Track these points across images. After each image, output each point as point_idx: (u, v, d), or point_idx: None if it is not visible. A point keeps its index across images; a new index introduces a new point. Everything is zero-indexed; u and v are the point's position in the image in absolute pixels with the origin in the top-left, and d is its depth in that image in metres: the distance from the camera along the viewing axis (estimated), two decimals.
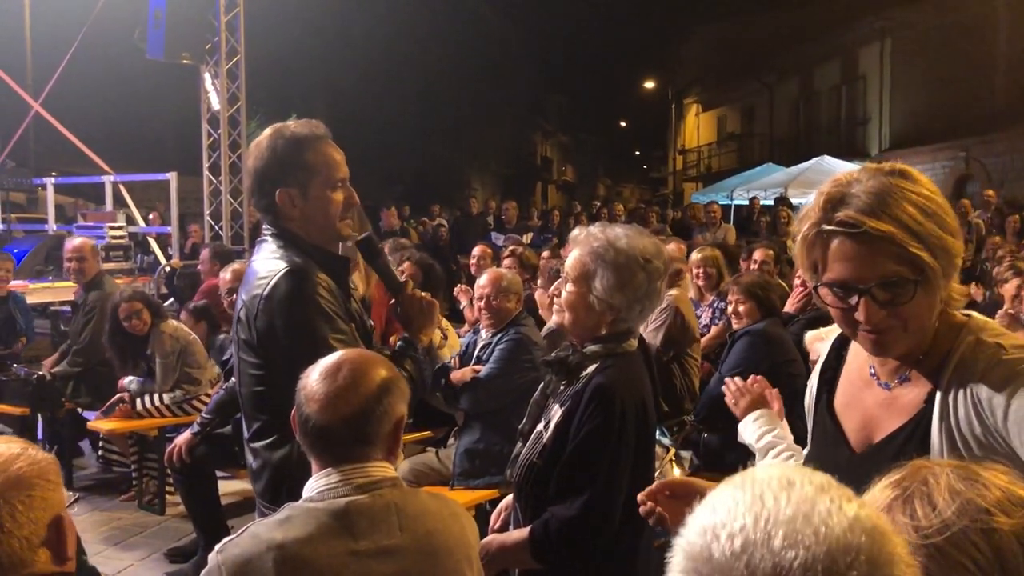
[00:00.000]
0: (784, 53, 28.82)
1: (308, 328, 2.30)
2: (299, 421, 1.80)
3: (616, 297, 2.29)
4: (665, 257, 2.37)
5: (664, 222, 14.54)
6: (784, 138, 30.06)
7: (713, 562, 0.79)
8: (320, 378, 1.80)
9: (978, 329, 1.49)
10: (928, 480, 1.08)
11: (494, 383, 4.22)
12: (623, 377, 2.29)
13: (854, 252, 1.42)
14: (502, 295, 4.38)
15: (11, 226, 11.67)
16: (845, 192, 1.44)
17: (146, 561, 4.97)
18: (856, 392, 1.64)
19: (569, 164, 57.11)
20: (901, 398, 1.54)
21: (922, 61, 22.12)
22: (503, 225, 12.85)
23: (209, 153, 11.77)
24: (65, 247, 6.47)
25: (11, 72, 12.65)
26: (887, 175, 1.44)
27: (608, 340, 2.33)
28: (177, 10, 10.59)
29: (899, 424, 1.53)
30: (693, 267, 6.34)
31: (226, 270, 5.15)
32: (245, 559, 1.66)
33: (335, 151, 2.49)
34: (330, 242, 2.54)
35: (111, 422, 5.56)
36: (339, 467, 1.79)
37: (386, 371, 1.85)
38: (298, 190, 2.43)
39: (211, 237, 11.51)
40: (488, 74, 35.29)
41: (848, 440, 1.62)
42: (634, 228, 2.39)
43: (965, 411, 1.42)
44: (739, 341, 4.64)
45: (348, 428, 1.77)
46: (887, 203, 1.40)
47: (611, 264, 2.28)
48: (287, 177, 2.42)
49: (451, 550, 1.86)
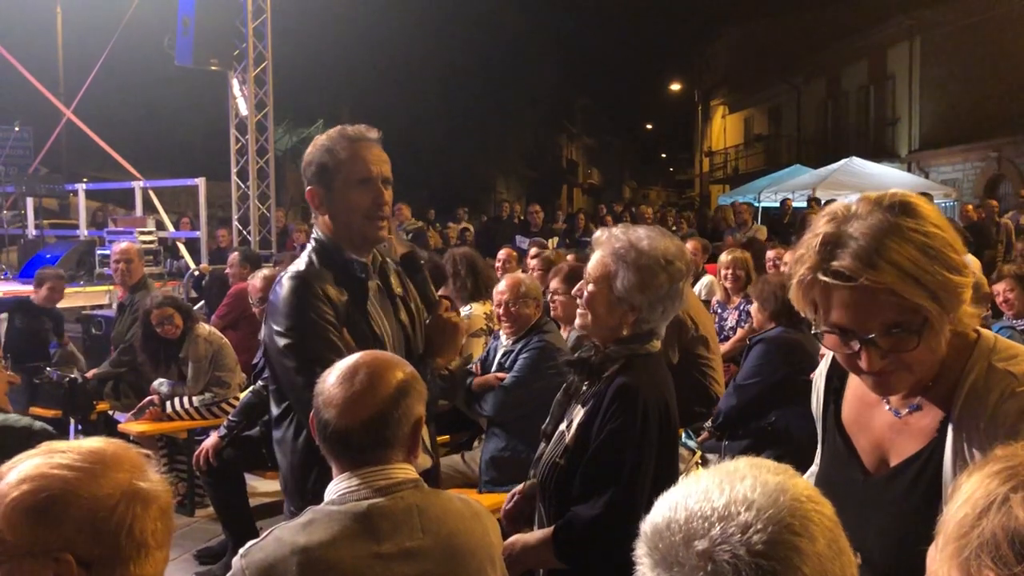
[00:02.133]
0: (811, 54, 28.59)
1: (298, 334, 2.38)
2: (318, 426, 1.81)
3: (637, 297, 2.29)
4: (688, 259, 2.37)
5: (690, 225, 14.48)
6: (812, 139, 29.82)
7: (654, 524, 0.96)
8: (337, 382, 1.81)
9: (988, 351, 1.46)
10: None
11: (519, 391, 4.18)
12: (646, 377, 2.29)
13: (852, 301, 1.38)
14: (521, 301, 4.33)
15: (43, 231, 11.84)
16: (841, 233, 1.38)
17: (176, 562, 5.01)
18: (865, 410, 1.61)
19: (595, 167, 57.01)
20: (913, 424, 1.52)
21: (952, 60, 21.85)
22: (529, 228, 12.85)
23: (237, 158, 11.88)
24: (111, 250, 6.75)
25: (44, 80, 12.87)
26: (886, 210, 1.38)
27: (631, 341, 2.33)
28: (205, 17, 10.72)
29: (914, 450, 1.50)
30: (722, 268, 6.32)
31: (255, 277, 5.19)
32: (269, 563, 1.68)
33: (368, 151, 2.49)
34: (356, 244, 2.54)
35: (141, 424, 5.63)
36: (359, 470, 1.79)
37: (403, 373, 1.85)
38: (322, 187, 2.50)
39: (239, 242, 11.61)
40: (513, 77, 35.34)
41: (861, 461, 1.59)
42: (656, 229, 2.39)
43: (980, 443, 1.39)
44: (754, 348, 4.63)
45: (367, 432, 1.77)
46: (885, 247, 1.34)
47: (632, 265, 2.28)
48: (315, 175, 2.50)
49: (473, 551, 1.86)
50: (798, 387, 4.35)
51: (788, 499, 0.94)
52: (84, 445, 1.37)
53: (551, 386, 4.04)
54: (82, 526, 1.28)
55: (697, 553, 0.90)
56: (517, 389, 4.19)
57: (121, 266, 6.50)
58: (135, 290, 6.51)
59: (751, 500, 0.93)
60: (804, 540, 0.92)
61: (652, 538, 0.96)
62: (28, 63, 12.58)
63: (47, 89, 12.85)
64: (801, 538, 0.92)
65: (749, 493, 0.94)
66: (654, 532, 0.96)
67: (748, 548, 0.89)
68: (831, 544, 0.94)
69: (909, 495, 1.49)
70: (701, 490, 0.96)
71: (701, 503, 0.94)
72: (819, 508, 0.96)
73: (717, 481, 0.97)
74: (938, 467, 1.45)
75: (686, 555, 0.91)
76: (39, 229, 11.73)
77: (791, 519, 0.92)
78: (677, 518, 0.94)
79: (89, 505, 1.29)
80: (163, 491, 1.40)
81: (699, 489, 0.96)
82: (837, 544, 0.96)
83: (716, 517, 0.92)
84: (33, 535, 1.26)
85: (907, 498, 1.49)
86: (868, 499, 1.54)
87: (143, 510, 1.35)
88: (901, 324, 1.37)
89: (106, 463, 1.33)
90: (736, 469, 0.99)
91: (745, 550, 0.89)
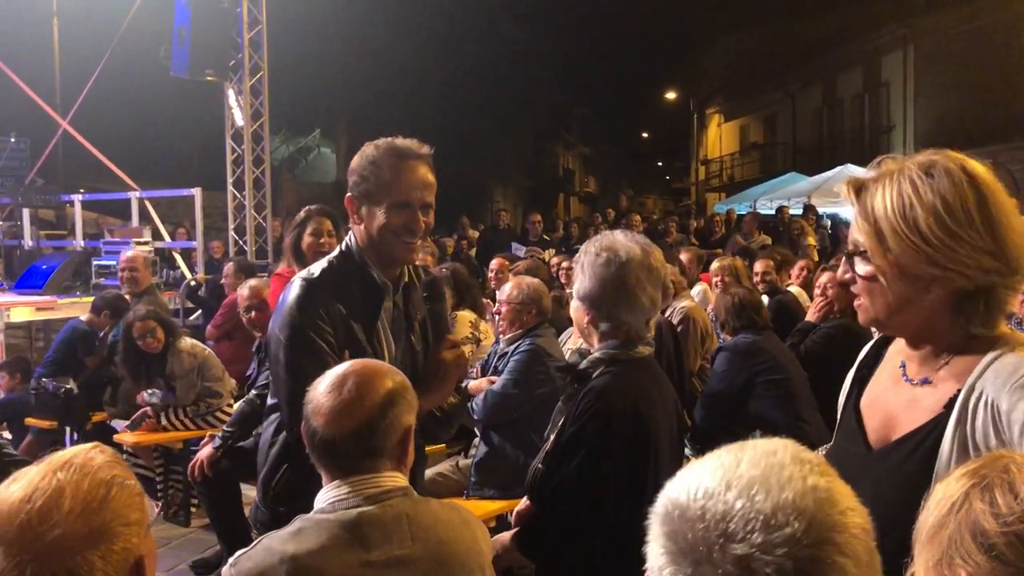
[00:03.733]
0: (806, 62, 28.67)
1: (285, 342, 2.37)
2: (307, 434, 1.82)
3: (581, 299, 2.35)
4: (651, 258, 2.35)
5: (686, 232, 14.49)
6: (807, 147, 29.88)
7: (680, 505, 0.90)
8: (326, 391, 1.81)
9: (1014, 343, 1.47)
10: (1010, 468, 1.03)
11: (507, 395, 4.17)
12: (618, 382, 2.30)
13: (853, 221, 1.54)
14: (518, 304, 4.36)
15: (40, 242, 11.83)
16: (880, 174, 1.53)
17: (171, 573, 5.01)
18: (882, 391, 1.64)
19: (591, 175, 57.05)
20: (923, 400, 1.53)
21: (946, 68, 21.93)
22: (528, 237, 12.86)
23: (233, 168, 11.89)
24: (118, 258, 6.87)
25: (40, 92, 12.87)
26: (920, 164, 1.48)
27: (611, 346, 2.35)
28: (201, 28, 10.74)
29: (917, 425, 1.51)
30: (712, 276, 6.35)
31: (243, 286, 5.20)
32: (258, 572, 1.68)
33: (413, 173, 2.45)
34: (383, 261, 2.50)
35: (137, 435, 5.62)
36: (348, 478, 1.80)
37: (392, 382, 1.85)
38: (361, 198, 2.47)
39: (235, 251, 11.62)
40: (510, 87, 35.37)
41: (867, 437, 1.61)
42: (624, 232, 2.41)
43: (983, 421, 1.40)
44: (718, 358, 4.77)
45: (355, 441, 1.78)
46: (876, 180, 1.51)
47: (587, 267, 2.34)
48: (358, 184, 2.47)
49: (463, 559, 1.86)
50: (766, 387, 4.46)
51: (836, 513, 0.89)
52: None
53: (542, 392, 4.10)
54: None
55: (735, 557, 0.86)
56: (505, 393, 4.19)
57: (126, 274, 6.59)
58: (141, 297, 6.54)
59: (801, 509, 0.87)
60: (849, 561, 0.88)
61: (679, 523, 0.90)
62: (24, 74, 12.59)
63: (43, 100, 12.85)
64: (847, 559, 0.88)
65: (798, 500, 0.88)
66: (683, 518, 0.90)
67: (794, 563, 0.85)
68: (871, 563, 0.91)
69: (901, 466, 1.50)
70: (744, 484, 0.89)
71: (744, 501, 0.88)
72: (861, 522, 0.92)
73: (761, 475, 0.90)
74: (936, 442, 1.45)
75: (721, 557, 0.86)
76: (35, 240, 11.72)
77: (839, 536, 0.88)
78: (714, 511, 0.88)
79: None
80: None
81: (741, 482, 0.90)
82: (875, 563, 0.93)
83: (761, 523, 0.86)
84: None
85: (899, 469, 1.50)
86: (865, 471, 1.55)
87: None
88: (864, 252, 1.51)
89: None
90: (781, 464, 0.92)
91: (791, 564, 0.85)
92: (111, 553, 1.32)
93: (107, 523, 1.32)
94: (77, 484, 1.33)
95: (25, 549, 1.27)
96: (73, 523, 1.29)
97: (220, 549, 4.94)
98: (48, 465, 1.36)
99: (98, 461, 1.38)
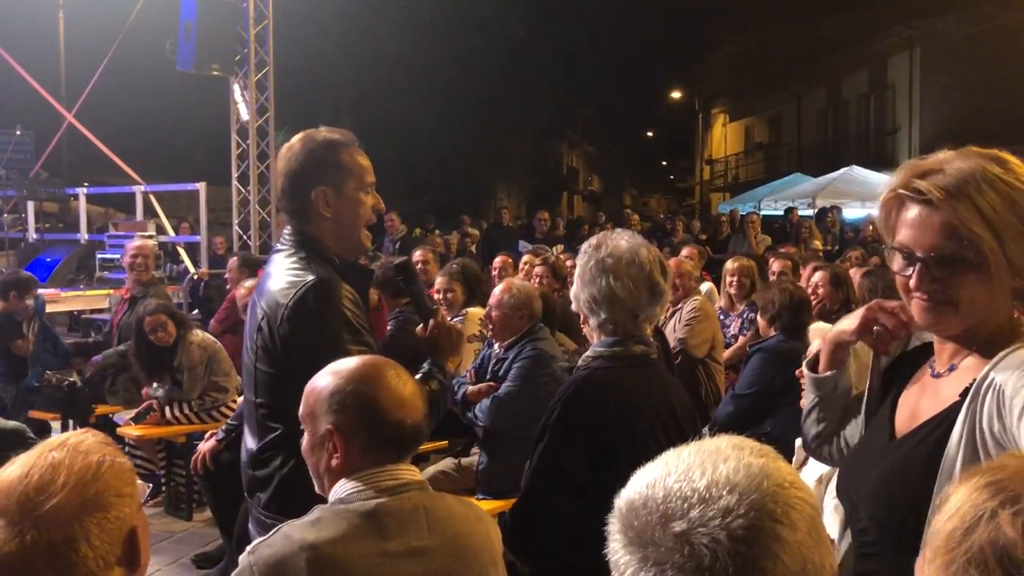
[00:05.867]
0: (812, 63, 28.61)
1: (334, 341, 2.26)
2: (372, 420, 1.84)
3: (583, 297, 2.36)
4: (638, 255, 2.33)
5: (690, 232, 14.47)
6: (812, 148, 29.83)
7: (628, 500, 0.95)
8: (391, 378, 1.86)
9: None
10: None
11: (514, 401, 4.13)
12: (594, 375, 2.31)
13: (919, 220, 1.45)
14: (507, 308, 4.28)
15: (44, 235, 11.85)
16: (936, 168, 1.46)
17: (173, 566, 5.01)
18: (915, 386, 1.63)
19: (595, 174, 57.07)
20: (945, 389, 1.53)
21: (952, 69, 21.89)
22: (534, 235, 12.83)
23: (238, 163, 11.89)
24: (127, 246, 6.84)
25: (46, 84, 12.90)
26: (982, 158, 1.44)
27: (602, 344, 2.37)
28: (207, 23, 10.74)
29: (935, 412, 1.51)
30: (727, 276, 6.34)
31: (241, 286, 5.18)
32: (277, 559, 1.68)
33: (364, 157, 2.51)
34: (352, 251, 2.54)
35: (139, 428, 5.63)
36: (367, 471, 1.82)
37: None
38: (333, 189, 2.43)
39: (239, 247, 11.63)
40: (515, 85, 35.36)
41: (893, 427, 1.61)
42: (621, 231, 2.43)
43: (989, 406, 1.39)
44: (753, 357, 4.63)
45: (418, 431, 1.86)
46: (967, 183, 1.41)
47: (580, 267, 2.37)
48: (323, 176, 2.42)
49: (478, 552, 1.89)
50: (794, 396, 4.37)
51: (771, 484, 0.92)
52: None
53: (545, 394, 4.08)
54: None
55: (674, 535, 0.89)
56: (512, 399, 4.14)
57: (139, 260, 6.55)
58: (149, 285, 6.55)
59: (734, 483, 0.91)
60: (785, 528, 0.90)
61: (627, 515, 0.94)
62: (30, 67, 12.61)
63: (49, 93, 12.88)
64: (782, 526, 0.90)
65: (732, 475, 0.92)
66: (629, 509, 0.94)
67: (728, 533, 0.88)
68: (811, 532, 0.93)
69: (912, 452, 1.51)
70: (682, 469, 0.94)
71: (681, 483, 0.92)
72: (801, 495, 0.94)
73: (699, 460, 0.95)
74: (947, 431, 1.44)
75: (662, 536, 0.89)
76: (39, 233, 11.75)
77: (773, 505, 0.91)
78: (655, 496, 0.92)
79: None
80: None
81: (679, 467, 0.94)
82: (817, 532, 0.94)
83: (696, 499, 0.90)
84: None
85: (910, 455, 1.51)
86: (882, 458, 1.56)
87: None
88: (959, 259, 1.42)
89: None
90: (718, 449, 0.97)
91: (725, 535, 0.88)
92: (106, 521, 1.40)
93: (100, 493, 1.41)
94: (71, 460, 1.42)
95: (24, 519, 1.35)
96: (68, 494, 1.38)
97: (222, 543, 4.95)
98: (44, 446, 1.45)
99: (89, 441, 1.48)
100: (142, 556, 1.47)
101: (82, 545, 1.37)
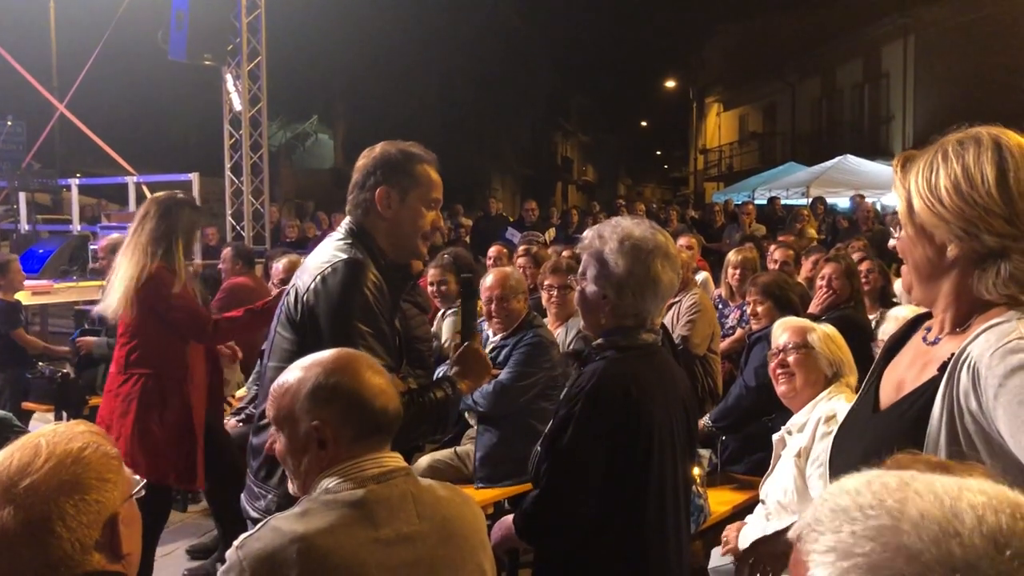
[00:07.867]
0: (806, 52, 28.61)
1: (348, 318, 2.38)
2: (353, 410, 1.84)
3: (601, 284, 2.32)
4: (669, 245, 2.36)
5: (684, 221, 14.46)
6: (806, 137, 29.87)
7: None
8: (368, 370, 1.88)
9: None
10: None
11: (516, 387, 4.21)
12: (613, 366, 2.29)
13: (894, 193, 1.61)
14: (511, 295, 4.36)
15: (36, 226, 11.79)
16: (924, 150, 1.57)
17: (167, 558, 5.00)
18: (901, 359, 1.66)
19: (590, 164, 56.99)
20: (929, 363, 1.54)
21: (946, 58, 21.89)
22: (524, 224, 12.82)
23: (231, 154, 11.87)
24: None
25: (37, 75, 12.80)
26: (955, 142, 1.52)
27: (612, 333, 2.35)
28: (199, 12, 10.69)
29: (916, 385, 1.53)
30: (729, 267, 6.33)
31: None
32: (268, 553, 1.66)
33: (437, 175, 2.62)
34: (404, 254, 2.64)
35: None
36: (352, 460, 1.83)
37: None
38: (398, 194, 2.55)
39: (232, 237, 11.59)
40: (509, 74, 35.29)
41: (879, 400, 1.63)
42: (630, 218, 2.42)
43: (964, 383, 1.41)
44: (756, 346, 4.54)
45: (396, 418, 1.89)
46: (927, 161, 1.52)
47: (595, 253, 2.34)
48: (391, 178, 2.55)
49: (467, 535, 1.90)
50: None
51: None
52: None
53: (542, 380, 4.15)
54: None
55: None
56: (514, 386, 4.21)
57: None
58: None
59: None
60: None
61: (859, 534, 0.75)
62: (21, 57, 12.51)
63: (40, 83, 12.78)
64: None
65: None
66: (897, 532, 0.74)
67: None
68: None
69: (892, 425, 1.53)
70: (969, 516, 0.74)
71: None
72: None
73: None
74: (928, 403, 1.47)
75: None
76: (32, 224, 11.68)
77: None
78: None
79: None
80: None
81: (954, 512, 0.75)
82: None
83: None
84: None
85: (892, 427, 1.53)
86: (867, 431, 1.59)
87: None
88: (910, 226, 1.55)
89: None
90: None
91: None
92: (84, 503, 1.41)
93: (79, 475, 1.42)
94: (54, 444, 1.45)
95: (3, 496, 1.38)
96: (46, 473, 1.40)
97: (216, 534, 4.94)
98: (34, 433, 1.49)
99: (78, 429, 1.51)
100: (124, 545, 1.46)
101: (57, 524, 1.38)
